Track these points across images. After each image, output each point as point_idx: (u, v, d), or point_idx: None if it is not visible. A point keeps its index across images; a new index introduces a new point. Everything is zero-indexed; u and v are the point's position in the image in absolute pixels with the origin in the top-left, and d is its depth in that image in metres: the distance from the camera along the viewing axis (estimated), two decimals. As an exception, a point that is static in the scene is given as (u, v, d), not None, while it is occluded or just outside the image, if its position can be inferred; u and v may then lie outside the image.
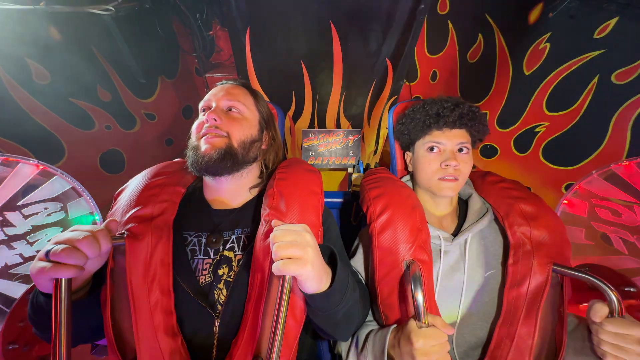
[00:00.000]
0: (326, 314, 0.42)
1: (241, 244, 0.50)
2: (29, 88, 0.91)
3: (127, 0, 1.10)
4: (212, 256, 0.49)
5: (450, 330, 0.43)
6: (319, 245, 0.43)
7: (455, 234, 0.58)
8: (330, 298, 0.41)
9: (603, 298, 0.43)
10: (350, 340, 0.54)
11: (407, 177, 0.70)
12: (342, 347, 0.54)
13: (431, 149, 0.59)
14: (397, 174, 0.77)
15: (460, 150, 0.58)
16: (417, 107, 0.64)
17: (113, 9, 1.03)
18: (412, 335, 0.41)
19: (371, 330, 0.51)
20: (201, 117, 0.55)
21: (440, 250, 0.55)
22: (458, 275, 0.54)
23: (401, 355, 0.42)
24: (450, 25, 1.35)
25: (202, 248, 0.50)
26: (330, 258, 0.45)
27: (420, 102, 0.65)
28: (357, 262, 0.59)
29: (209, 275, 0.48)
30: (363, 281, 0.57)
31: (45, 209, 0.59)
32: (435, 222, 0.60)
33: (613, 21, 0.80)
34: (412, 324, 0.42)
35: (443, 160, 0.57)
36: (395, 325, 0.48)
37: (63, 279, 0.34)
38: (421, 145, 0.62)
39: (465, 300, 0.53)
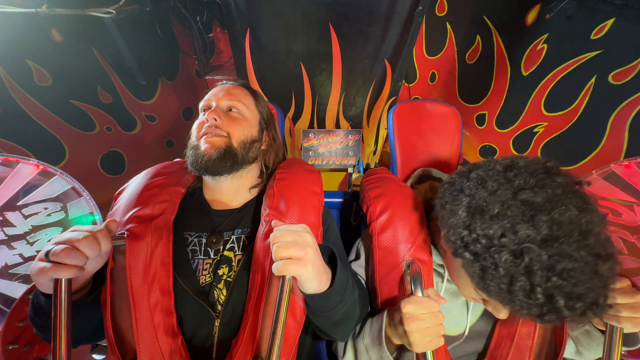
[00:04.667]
0: (325, 314, 0.42)
1: (241, 244, 0.50)
2: (30, 90, 0.92)
3: (127, 3, 1.11)
4: (212, 256, 0.49)
5: (442, 301, 0.41)
6: (319, 245, 0.43)
7: None
8: (329, 298, 0.41)
9: None
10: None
11: (409, 182, 0.69)
12: (339, 345, 0.54)
13: (479, 294, 0.39)
14: (397, 174, 0.77)
15: None
16: (504, 249, 0.32)
17: (114, 12, 1.04)
18: (402, 302, 0.40)
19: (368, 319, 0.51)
20: (201, 116, 0.55)
21: (444, 277, 0.51)
22: (461, 297, 0.51)
23: (395, 327, 0.41)
24: (449, 26, 1.36)
25: (203, 248, 0.50)
26: (330, 258, 0.45)
27: (520, 234, 0.31)
28: (358, 263, 0.59)
29: (209, 275, 0.48)
30: (363, 282, 0.57)
31: (46, 209, 0.59)
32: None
33: (610, 22, 0.81)
34: (405, 297, 0.42)
35: (487, 305, 0.40)
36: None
37: (63, 279, 0.34)
38: (469, 281, 0.38)
39: (470, 321, 0.51)
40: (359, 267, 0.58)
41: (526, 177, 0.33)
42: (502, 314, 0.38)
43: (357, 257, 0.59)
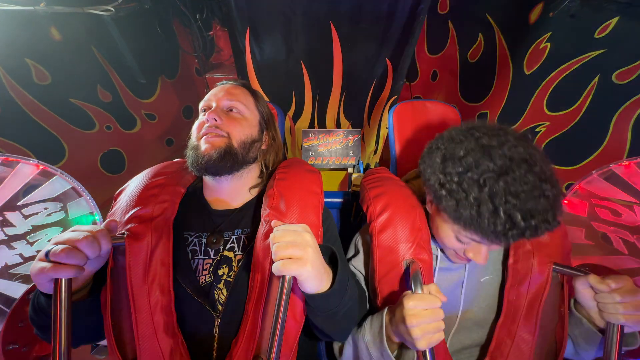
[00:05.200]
0: (326, 314, 0.42)
1: (241, 244, 0.51)
2: (29, 89, 0.91)
3: (127, 1, 1.10)
4: (212, 256, 0.49)
5: (444, 298, 0.42)
6: (320, 245, 0.43)
7: None
8: (330, 298, 0.41)
9: None
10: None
11: (407, 177, 0.69)
12: (337, 344, 0.54)
13: (460, 240, 0.45)
14: (397, 173, 0.77)
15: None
16: (464, 183, 0.40)
17: (113, 10, 1.04)
18: (404, 298, 0.40)
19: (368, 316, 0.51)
20: (201, 117, 0.55)
21: (437, 258, 0.54)
22: (457, 283, 0.53)
23: (396, 325, 0.42)
24: (451, 25, 1.35)
25: (203, 248, 0.50)
26: (331, 258, 0.45)
27: (469, 167, 0.40)
28: (357, 260, 0.59)
29: (209, 275, 0.48)
30: (363, 277, 0.57)
31: (45, 209, 0.59)
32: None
33: (614, 21, 0.80)
34: (406, 292, 0.42)
35: (468, 251, 0.46)
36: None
37: (63, 279, 0.34)
38: (448, 224, 0.46)
39: (463, 308, 0.52)
40: (359, 263, 0.58)
41: (485, 130, 0.43)
42: (482, 256, 0.45)
43: (357, 253, 0.59)
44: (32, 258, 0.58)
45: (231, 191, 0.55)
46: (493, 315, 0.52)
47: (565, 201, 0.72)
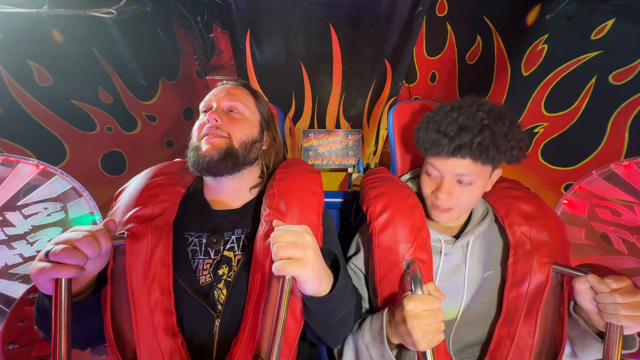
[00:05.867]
0: (322, 318, 0.42)
1: (241, 244, 0.51)
2: (30, 90, 0.92)
3: (128, 4, 1.12)
4: (212, 256, 0.49)
5: (443, 297, 0.43)
6: (323, 248, 0.43)
7: (457, 235, 0.58)
8: (328, 303, 0.41)
9: None
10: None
11: (407, 177, 0.70)
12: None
13: (428, 173, 0.54)
14: (397, 173, 0.77)
15: (460, 181, 0.50)
16: (428, 118, 0.55)
17: (115, 12, 1.05)
18: (404, 299, 0.41)
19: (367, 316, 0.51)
20: (202, 117, 0.55)
21: (441, 252, 0.55)
22: (458, 277, 0.54)
23: (396, 326, 0.42)
24: (449, 27, 1.36)
25: (203, 248, 0.50)
26: (334, 263, 0.45)
27: (434, 111, 0.55)
28: (358, 259, 0.59)
29: (209, 275, 0.48)
30: (363, 278, 0.57)
31: (46, 209, 0.59)
32: (438, 226, 0.60)
33: (610, 22, 0.81)
34: (407, 293, 0.43)
35: (436, 188, 0.53)
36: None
37: (63, 279, 0.34)
38: (424, 163, 0.56)
39: (465, 301, 0.53)
40: (359, 261, 0.58)
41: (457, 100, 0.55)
42: (443, 189, 0.51)
43: (358, 251, 0.59)
44: (32, 258, 0.58)
45: (232, 191, 0.56)
46: (494, 312, 0.52)
47: (565, 201, 0.73)
